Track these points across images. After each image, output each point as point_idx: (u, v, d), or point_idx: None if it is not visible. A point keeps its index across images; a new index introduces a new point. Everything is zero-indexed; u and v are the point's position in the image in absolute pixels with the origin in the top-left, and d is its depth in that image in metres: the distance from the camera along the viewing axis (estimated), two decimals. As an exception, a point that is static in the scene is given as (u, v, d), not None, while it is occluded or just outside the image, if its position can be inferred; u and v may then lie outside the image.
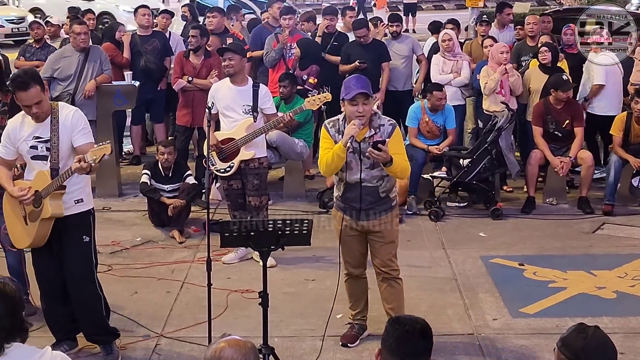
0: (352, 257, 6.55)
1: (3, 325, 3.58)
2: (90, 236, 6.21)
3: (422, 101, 10.32)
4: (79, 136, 5.98)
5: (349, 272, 6.63)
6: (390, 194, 6.34)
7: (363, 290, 6.70)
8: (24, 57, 11.93)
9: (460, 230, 9.31)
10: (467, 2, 13.52)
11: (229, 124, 8.20)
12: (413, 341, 3.53)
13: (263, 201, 8.34)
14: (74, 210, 6.09)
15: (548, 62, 10.37)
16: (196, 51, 10.30)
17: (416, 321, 3.62)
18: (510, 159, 10.18)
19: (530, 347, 6.53)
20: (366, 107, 6.06)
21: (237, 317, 7.05)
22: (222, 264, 8.11)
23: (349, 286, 6.70)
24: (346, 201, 6.34)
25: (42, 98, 5.90)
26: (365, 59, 10.81)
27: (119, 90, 10.39)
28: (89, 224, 6.22)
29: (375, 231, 6.36)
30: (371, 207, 6.28)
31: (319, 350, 6.44)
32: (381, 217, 6.33)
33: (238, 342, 3.33)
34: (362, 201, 6.25)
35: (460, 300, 7.41)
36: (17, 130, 6.05)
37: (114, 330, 6.49)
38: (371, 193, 6.24)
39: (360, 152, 6.15)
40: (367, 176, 6.19)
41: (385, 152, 5.92)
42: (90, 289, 6.26)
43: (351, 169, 6.19)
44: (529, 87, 10.50)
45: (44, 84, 6.03)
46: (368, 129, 6.16)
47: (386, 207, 6.34)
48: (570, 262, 8.25)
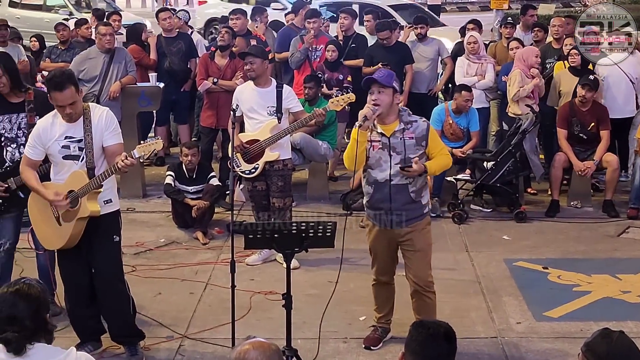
0: (381, 264, 6.51)
1: (25, 326, 3.62)
2: (119, 236, 6.28)
3: (445, 103, 10.30)
4: (110, 136, 6.03)
5: (377, 278, 6.60)
6: (421, 198, 6.24)
7: (389, 295, 6.65)
8: (49, 59, 12.02)
9: (484, 232, 9.29)
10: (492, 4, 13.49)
11: (253, 125, 8.22)
12: (437, 345, 3.53)
13: (287, 203, 8.35)
14: (104, 210, 6.14)
15: (578, 64, 10.32)
16: (223, 50, 10.32)
17: (440, 325, 3.63)
18: (534, 162, 10.13)
19: (554, 351, 6.51)
20: (381, 96, 6.01)
21: (260, 318, 7.07)
22: (245, 266, 8.13)
23: (375, 291, 6.67)
24: (375, 204, 6.24)
25: (77, 99, 5.95)
26: (388, 61, 10.80)
27: (144, 91, 10.45)
28: (118, 224, 6.30)
29: (406, 240, 6.27)
30: (401, 211, 6.18)
31: (342, 352, 6.44)
32: (412, 225, 6.24)
33: (263, 344, 3.34)
34: (392, 201, 6.15)
35: (484, 304, 7.39)
36: (48, 130, 6.08)
37: (139, 332, 6.51)
38: (401, 192, 6.13)
39: (389, 147, 6.08)
40: (397, 172, 6.08)
41: (415, 170, 5.99)
42: (120, 289, 6.31)
43: (380, 165, 6.12)
44: (559, 90, 10.41)
45: (78, 84, 6.07)
46: (398, 122, 6.10)
47: (417, 213, 6.24)
48: (595, 266, 8.21)
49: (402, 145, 6.08)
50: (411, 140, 6.09)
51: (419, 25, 11.80)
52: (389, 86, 6.04)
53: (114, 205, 6.23)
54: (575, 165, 9.73)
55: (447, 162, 6.38)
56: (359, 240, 6.46)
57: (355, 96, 8.35)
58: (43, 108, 6.65)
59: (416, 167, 6.00)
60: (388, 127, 6.11)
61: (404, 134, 6.08)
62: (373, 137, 6.13)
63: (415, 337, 3.56)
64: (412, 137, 6.09)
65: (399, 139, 6.07)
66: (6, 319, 3.63)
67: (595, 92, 9.80)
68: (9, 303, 3.66)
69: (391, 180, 6.12)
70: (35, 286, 3.76)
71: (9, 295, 3.68)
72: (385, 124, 6.13)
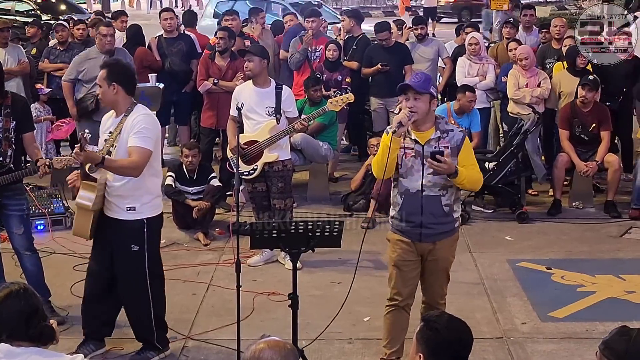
0: (406, 285, 5.97)
1: (10, 326, 3.57)
2: (141, 246, 6.11)
3: (447, 104, 10.28)
4: (131, 138, 5.97)
5: (395, 302, 6.00)
6: (453, 212, 5.85)
7: (403, 325, 6.05)
8: (48, 60, 11.95)
9: (486, 233, 9.27)
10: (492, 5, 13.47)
11: (252, 126, 8.16)
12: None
13: (288, 204, 8.31)
14: (123, 216, 6.08)
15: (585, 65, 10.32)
16: (223, 53, 10.29)
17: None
18: (536, 162, 10.12)
19: (560, 352, 6.49)
20: (418, 103, 5.60)
21: (263, 319, 7.03)
22: (247, 267, 8.08)
23: (390, 319, 6.06)
24: (405, 216, 5.84)
25: (101, 84, 6.07)
26: (387, 62, 10.78)
27: (144, 92, 10.37)
28: (140, 234, 6.10)
29: (432, 255, 5.89)
30: (432, 226, 5.78)
31: (347, 353, 6.41)
32: (442, 241, 5.86)
33: (278, 343, 3.30)
34: (423, 214, 5.74)
35: (488, 304, 7.36)
36: (105, 123, 6.24)
37: (155, 346, 6.37)
38: (433, 205, 5.74)
39: (423, 156, 5.68)
40: (429, 183, 5.71)
41: (445, 163, 5.57)
42: (136, 297, 6.26)
43: (412, 174, 5.73)
44: (559, 91, 10.39)
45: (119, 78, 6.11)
46: (434, 131, 5.73)
47: (449, 227, 5.86)
48: (599, 266, 8.19)
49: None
50: (446, 150, 5.68)
51: (418, 25, 11.79)
52: (425, 92, 5.66)
53: (137, 213, 6.07)
54: (577, 165, 9.71)
55: (478, 178, 5.94)
56: (360, 242, 6.33)
57: (353, 96, 8.32)
58: (22, 113, 6.66)
59: (448, 159, 5.57)
60: (423, 134, 5.73)
61: (440, 143, 5.70)
62: (406, 143, 5.74)
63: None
64: (447, 146, 5.69)
65: (434, 148, 5.66)
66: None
67: (595, 92, 9.77)
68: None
69: (423, 191, 5.73)
70: (29, 290, 3.70)
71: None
72: (420, 131, 5.75)
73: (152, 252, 6.21)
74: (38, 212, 9.15)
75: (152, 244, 6.23)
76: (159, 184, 6.32)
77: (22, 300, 3.63)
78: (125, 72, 6.28)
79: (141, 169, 5.95)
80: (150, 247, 6.18)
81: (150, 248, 6.18)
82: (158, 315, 6.33)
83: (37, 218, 9.03)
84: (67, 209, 9.45)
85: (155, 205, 6.21)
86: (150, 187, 6.13)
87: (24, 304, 3.62)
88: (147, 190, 6.11)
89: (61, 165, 6.62)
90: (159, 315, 6.36)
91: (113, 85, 6.03)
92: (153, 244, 6.25)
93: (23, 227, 6.90)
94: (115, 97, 6.07)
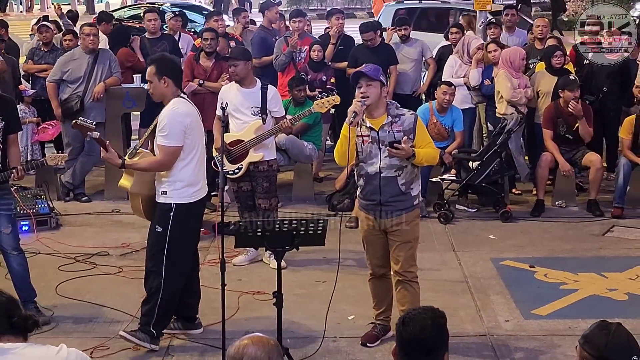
0: (375, 257, 6.55)
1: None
2: (163, 227, 6.34)
3: (430, 103, 10.32)
4: (157, 135, 6.38)
5: (372, 272, 6.63)
6: (411, 190, 6.31)
7: (386, 290, 6.65)
8: (32, 61, 11.91)
9: (470, 232, 9.31)
10: (475, 5, 13.47)
11: (238, 125, 8.18)
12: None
13: (273, 204, 8.32)
14: (160, 199, 6.42)
15: (561, 65, 10.37)
16: (210, 54, 10.29)
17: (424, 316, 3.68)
18: (519, 162, 10.18)
19: (543, 349, 6.54)
20: (370, 89, 6.10)
21: (248, 318, 7.04)
22: (232, 266, 8.09)
23: (372, 286, 6.70)
24: (367, 196, 6.35)
25: (152, 79, 6.42)
26: (372, 63, 10.76)
27: (128, 92, 10.40)
28: (166, 217, 6.34)
29: (393, 230, 6.34)
30: (391, 203, 6.27)
31: (332, 351, 6.44)
32: (400, 216, 6.31)
33: (262, 339, 3.33)
34: (381, 194, 6.24)
35: (472, 302, 7.41)
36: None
37: (156, 333, 6.48)
38: (390, 185, 6.22)
39: (379, 141, 6.17)
40: (386, 165, 6.18)
41: (404, 150, 6.04)
42: (149, 278, 6.47)
43: (371, 158, 6.23)
44: (537, 90, 10.44)
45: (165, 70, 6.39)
46: (386, 117, 6.21)
47: (407, 204, 6.32)
48: (581, 264, 8.25)
49: (391, 139, 6.14)
50: (399, 133, 6.15)
51: (402, 26, 11.81)
52: (376, 79, 6.14)
53: (167, 197, 6.34)
54: (561, 165, 9.76)
55: (434, 155, 6.47)
56: (345, 241, 6.46)
57: (340, 98, 8.34)
58: (11, 114, 6.69)
59: (405, 146, 6.05)
60: (376, 120, 6.20)
61: (392, 127, 6.17)
62: (362, 131, 6.23)
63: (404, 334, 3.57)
64: (400, 130, 6.17)
65: (388, 132, 6.15)
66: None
67: (577, 90, 9.79)
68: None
69: (381, 173, 6.21)
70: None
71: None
72: (373, 117, 6.22)
73: (174, 238, 6.36)
74: (23, 212, 9.13)
75: (176, 230, 6.36)
76: (194, 174, 6.43)
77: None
78: (174, 65, 6.61)
79: (168, 165, 6.28)
80: (173, 232, 6.34)
81: (173, 233, 6.34)
82: (165, 304, 6.43)
83: (22, 219, 9.01)
84: (52, 209, 9.45)
85: (186, 193, 6.40)
86: (182, 176, 6.35)
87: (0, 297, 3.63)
88: (178, 178, 6.35)
89: (55, 162, 7.02)
90: (166, 305, 6.45)
91: (164, 79, 6.34)
92: (177, 231, 6.36)
93: (11, 227, 6.94)
94: (165, 91, 6.39)
